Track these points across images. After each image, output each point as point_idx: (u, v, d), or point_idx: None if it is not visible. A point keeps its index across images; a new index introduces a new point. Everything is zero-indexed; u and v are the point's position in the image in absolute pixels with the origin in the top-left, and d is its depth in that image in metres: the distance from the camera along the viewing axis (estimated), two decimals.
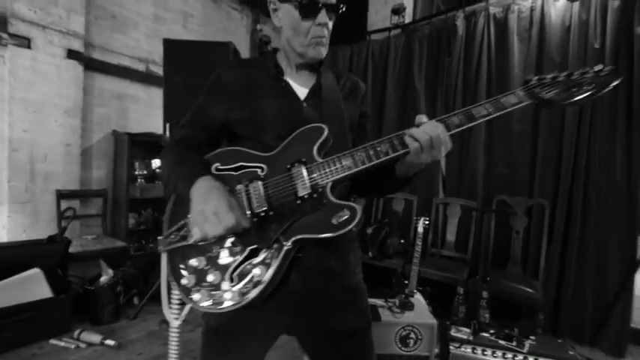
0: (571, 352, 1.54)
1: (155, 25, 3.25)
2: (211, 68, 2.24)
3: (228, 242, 0.75)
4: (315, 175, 0.74)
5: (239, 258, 0.73)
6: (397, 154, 0.72)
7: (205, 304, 0.72)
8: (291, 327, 0.80)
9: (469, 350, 1.56)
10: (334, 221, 0.69)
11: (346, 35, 3.34)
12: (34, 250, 2.16)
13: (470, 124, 0.72)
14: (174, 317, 1.32)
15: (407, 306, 1.64)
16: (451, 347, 1.57)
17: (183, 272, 0.75)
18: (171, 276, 0.77)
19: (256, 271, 0.71)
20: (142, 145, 3.10)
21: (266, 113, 0.82)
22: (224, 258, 0.74)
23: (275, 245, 0.72)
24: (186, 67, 2.18)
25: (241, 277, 0.71)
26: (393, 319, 1.57)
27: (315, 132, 0.77)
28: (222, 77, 0.87)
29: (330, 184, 0.73)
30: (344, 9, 0.83)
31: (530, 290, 2.15)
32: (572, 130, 2.35)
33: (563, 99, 0.73)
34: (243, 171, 0.79)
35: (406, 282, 2.13)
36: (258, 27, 4.10)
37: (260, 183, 0.76)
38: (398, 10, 3.27)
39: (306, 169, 0.75)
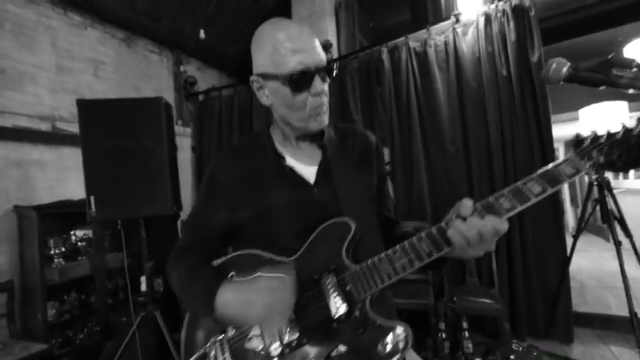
0: None
1: (59, 77, 2.82)
2: (141, 128, 1.99)
3: None
4: (349, 287, 0.64)
5: None
6: (441, 253, 0.63)
7: None
8: None
9: None
10: (381, 349, 0.58)
11: None
12: None
13: (523, 207, 0.61)
14: None
15: None
16: None
17: None
18: None
19: None
20: (56, 217, 2.60)
21: (275, 209, 0.72)
22: None
23: None
24: (110, 128, 1.89)
25: None
26: None
27: (341, 229, 0.68)
28: (217, 174, 0.78)
29: (369, 299, 0.63)
30: (337, 69, 0.75)
31: (492, 301, 2.28)
32: (498, 147, 2.62)
33: (627, 163, 0.59)
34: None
35: None
36: (182, 68, 3.86)
37: None
38: (325, 47, 3.37)
39: (339, 281, 0.64)
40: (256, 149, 0.80)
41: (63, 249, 2.55)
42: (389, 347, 0.58)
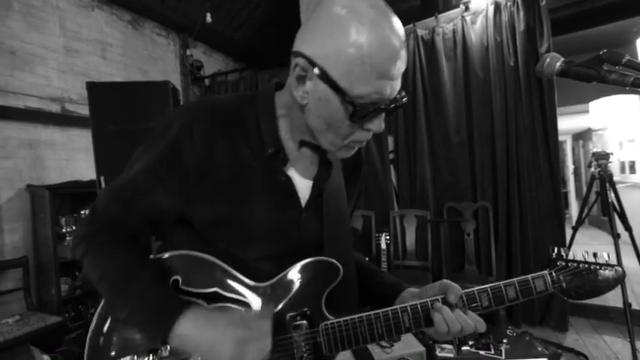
0: (539, 349, 1.69)
1: (68, 59, 2.85)
2: (149, 111, 2.03)
3: None
4: (320, 339, 0.59)
5: None
6: (419, 330, 0.62)
7: None
8: None
9: None
10: None
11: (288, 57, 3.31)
12: None
13: (496, 308, 0.63)
14: None
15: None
16: None
17: None
18: None
19: None
20: (67, 197, 2.69)
21: (254, 224, 0.59)
22: None
23: None
24: (118, 111, 1.94)
25: None
26: (384, 355, 1.57)
27: (328, 272, 0.61)
28: (182, 150, 0.56)
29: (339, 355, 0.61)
30: (402, 104, 0.55)
31: None
32: (502, 139, 2.62)
33: (579, 295, 0.64)
34: (219, 305, 0.58)
35: None
36: (188, 52, 3.86)
37: None
38: None
39: (312, 331, 0.59)
40: (250, 130, 0.60)
41: (74, 227, 2.63)
42: None
